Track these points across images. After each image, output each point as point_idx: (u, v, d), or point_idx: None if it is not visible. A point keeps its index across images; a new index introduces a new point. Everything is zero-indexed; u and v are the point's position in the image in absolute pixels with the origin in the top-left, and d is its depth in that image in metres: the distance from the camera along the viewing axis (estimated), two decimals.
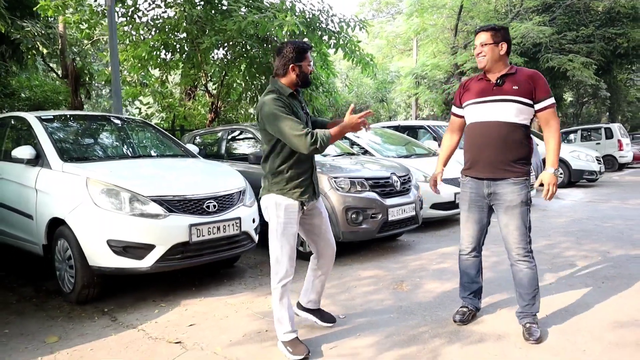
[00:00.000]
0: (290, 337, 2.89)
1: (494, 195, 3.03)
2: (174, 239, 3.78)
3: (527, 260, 3.01)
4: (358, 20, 9.18)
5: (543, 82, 2.96)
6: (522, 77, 2.96)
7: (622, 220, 6.93)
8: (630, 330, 3.06)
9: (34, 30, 11.55)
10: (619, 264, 4.61)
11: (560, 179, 12.00)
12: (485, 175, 3.03)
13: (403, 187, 5.54)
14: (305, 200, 2.89)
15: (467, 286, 3.34)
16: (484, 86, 3.04)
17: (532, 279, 3.01)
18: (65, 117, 5.31)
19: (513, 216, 2.98)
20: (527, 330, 2.95)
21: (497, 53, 2.97)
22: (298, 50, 2.83)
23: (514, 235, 2.99)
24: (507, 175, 2.97)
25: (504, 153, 2.95)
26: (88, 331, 3.34)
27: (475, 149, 3.06)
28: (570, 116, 32.16)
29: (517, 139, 2.95)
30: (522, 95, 2.92)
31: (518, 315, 3.10)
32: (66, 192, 3.94)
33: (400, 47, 25.78)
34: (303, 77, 2.87)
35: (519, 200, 2.97)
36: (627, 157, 17.15)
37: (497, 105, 2.96)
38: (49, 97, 12.47)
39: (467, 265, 3.29)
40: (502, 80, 2.97)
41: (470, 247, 3.24)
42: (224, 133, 6.69)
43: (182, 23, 8.33)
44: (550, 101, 2.94)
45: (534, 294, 3.02)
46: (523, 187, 2.99)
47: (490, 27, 3.02)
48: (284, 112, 2.71)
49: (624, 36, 16.71)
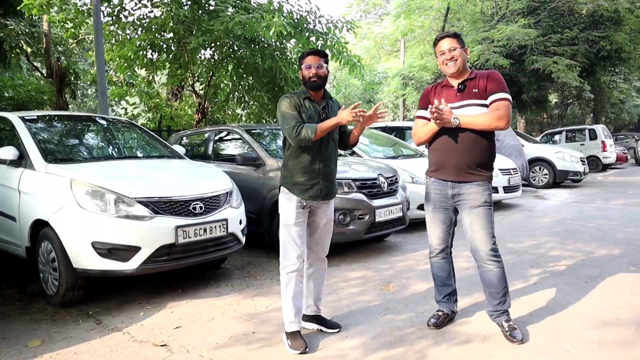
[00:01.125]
0: (291, 328, 2.97)
1: (458, 196, 3.05)
2: (160, 240, 3.75)
3: (495, 259, 3.00)
4: (345, 21, 9.21)
5: (497, 78, 2.96)
6: (480, 79, 2.98)
7: (606, 221, 7.03)
8: (612, 329, 3.10)
9: (17, 29, 11.42)
10: (602, 263, 4.68)
11: (542, 177, 12.13)
12: (450, 178, 3.05)
13: (390, 188, 5.56)
14: (306, 198, 2.98)
15: (441, 289, 3.32)
16: (448, 93, 3.06)
17: (502, 277, 3.01)
18: (50, 117, 5.24)
19: (477, 215, 3.00)
20: (508, 332, 2.97)
21: (465, 57, 3.02)
22: (300, 57, 3.11)
23: (480, 235, 3.00)
24: (471, 179, 3.00)
25: (470, 158, 2.97)
26: (72, 334, 3.30)
27: (441, 153, 3.07)
28: (555, 117, 32.55)
29: (483, 144, 2.98)
30: (482, 97, 2.95)
31: (491, 315, 3.11)
32: (50, 194, 3.89)
33: (388, 49, 25.90)
34: (305, 81, 3.03)
35: (482, 199, 2.99)
36: (611, 158, 17.42)
37: (461, 111, 2.96)
38: (32, 96, 12.30)
39: (438, 268, 3.29)
40: (464, 85, 3.01)
41: (439, 248, 3.24)
42: (211, 134, 6.65)
43: (169, 23, 8.28)
44: (500, 95, 2.90)
45: (504, 291, 3.02)
46: (486, 189, 3.01)
47: (453, 33, 3.08)
48: (287, 109, 2.95)
49: (607, 39, 16.92)
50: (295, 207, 2.98)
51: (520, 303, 3.63)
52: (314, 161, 3.00)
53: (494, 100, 2.92)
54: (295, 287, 2.99)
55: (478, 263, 3.08)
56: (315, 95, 3.07)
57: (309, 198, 2.99)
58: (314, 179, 3.00)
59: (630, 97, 31.58)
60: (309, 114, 2.99)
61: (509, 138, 11.32)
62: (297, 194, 2.98)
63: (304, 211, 3.03)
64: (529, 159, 11.97)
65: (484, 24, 17.08)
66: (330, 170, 3.08)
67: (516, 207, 8.82)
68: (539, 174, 12.31)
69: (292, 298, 2.98)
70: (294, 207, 2.98)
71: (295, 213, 2.99)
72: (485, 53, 15.49)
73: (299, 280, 3.02)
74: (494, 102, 2.92)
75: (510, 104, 2.93)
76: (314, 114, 3.01)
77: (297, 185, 2.99)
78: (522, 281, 4.20)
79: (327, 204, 3.13)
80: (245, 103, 10.57)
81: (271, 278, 4.56)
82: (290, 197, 3.00)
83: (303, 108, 2.99)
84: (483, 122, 2.90)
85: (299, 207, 2.99)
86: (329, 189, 3.08)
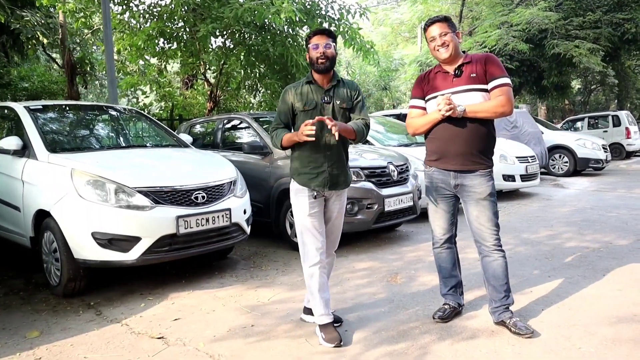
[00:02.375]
0: (323, 320, 2.89)
1: (462, 187, 2.97)
2: (160, 231, 3.70)
3: (500, 249, 2.96)
4: (358, 7, 9.00)
5: (496, 62, 2.88)
6: (477, 63, 2.89)
7: (627, 210, 6.78)
8: (628, 326, 2.94)
9: (33, 20, 11.44)
10: (620, 255, 4.48)
11: (562, 165, 11.81)
12: (453, 168, 2.96)
13: (400, 176, 5.42)
14: (315, 187, 2.88)
15: (446, 281, 3.24)
16: (444, 78, 2.97)
17: (505, 268, 2.96)
18: (55, 107, 5.19)
19: (484, 208, 2.93)
20: (514, 326, 2.87)
21: (457, 41, 2.92)
22: (306, 38, 2.99)
23: (487, 227, 2.94)
24: (475, 167, 2.92)
25: (473, 145, 2.89)
26: (71, 325, 3.27)
27: (442, 141, 2.96)
28: (578, 104, 31.77)
29: (483, 130, 2.89)
30: (481, 82, 2.86)
31: (494, 311, 3.00)
32: (51, 184, 3.86)
33: (405, 35, 25.47)
34: (313, 62, 2.89)
35: (488, 191, 2.92)
36: (635, 145, 16.85)
37: (461, 96, 2.87)
38: (46, 87, 12.38)
39: (443, 258, 3.21)
40: (460, 70, 2.91)
41: (443, 239, 3.17)
42: (220, 122, 6.57)
43: (179, 10, 8.19)
44: (501, 81, 2.82)
45: (507, 285, 2.97)
46: (489, 179, 2.95)
47: (443, 17, 2.97)
48: (280, 105, 2.99)
49: (632, 21, 16.29)
50: (307, 197, 2.89)
51: (532, 297, 3.48)
52: (319, 149, 2.88)
53: (496, 86, 2.83)
54: (320, 280, 2.89)
55: (483, 254, 3.01)
56: (321, 79, 2.92)
57: (316, 186, 2.88)
58: (319, 167, 2.88)
59: None
60: (305, 101, 2.88)
61: (528, 125, 11.03)
62: (304, 182, 2.89)
63: (317, 201, 2.92)
64: (549, 147, 11.65)
65: (503, 7, 16.60)
66: (337, 158, 2.94)
67: (534, 196, 8.59)
68: (559, 161, 11.98)
69: (319, 291, 2.89)
70: (306, 197, 2.89)
71: (309, 204, 2.89)
72: (504, 37, 15.09)
73: (322, 272, 2.91)
74: (496, 87, 2.83)
75: (511, 88, 2.86)
76: (312, 101, 2.89)
77: (302, 174, 2.90)
78: (536, 273, 4.04)
79: (338, 196, 3.01)
80: (257, 91, 10.46)
81: (276, 269, 4.48)
82: (300, 188, 2.92)
83: (299, 97, 2.90)
84: (488, 110, 2.81)
85: (310, 197, 2.89)
86: (337, 178, 2.94)
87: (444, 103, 2.80)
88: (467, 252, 4.49)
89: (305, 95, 2.90)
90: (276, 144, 2.94)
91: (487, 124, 2.91)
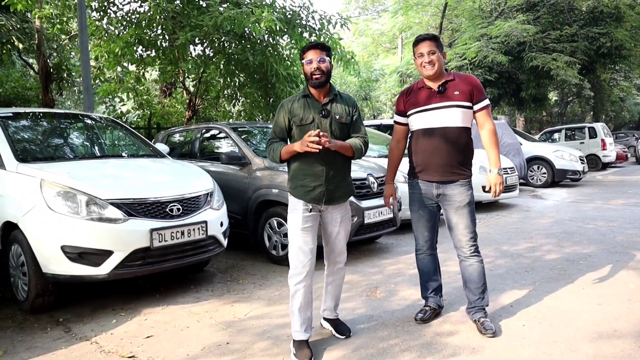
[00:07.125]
0: (297, 337, 2.85)
1: (443, 196, 3.13)
2: (133, 244, 3.57)
3: (477, 254, 3.14)
4: (339, 17, 9.00)
5: (479, 84, 3.12)
6: (461, 82, 3.08)
7: (605, 222, 6.84)
8: (609, 342, 2.91)
9: (8, 25, 11.19)
10: (600, 268, 4.49)
11: (540, 176, 11.94)
12: (436, 179, 3.11)
13: (380, 188, 5.37)
14: (309, 200, 2.83)
15: (427, 285, 3.39)
16: (427, 94, 3.11)
17: (482, 273, 3.14)
18: (27, 114, 5.02)
19: (463, 215, 3.09)
20: (482, 325, 3.05)
21: (442, 61, 3.09)
22: (300, 53, 2.96)
23: (464, 234, 3.11)
24: (455, 177, 3.08)
25: (452, 157, 3.06)
26: (38, 344, 3.12)
27: (424, 154, 3.12)
28: (555, 115, 32.32)
29: (463, 143, 3.07)
30: (464, 99, 3.04)
31: (469, 311, 3.21)
32: (20, 195, 3.71)
33: (386, 45, 25.67)
34: (307, 77, 2.86)
35: (467, 200, 3.09)
36: (611, 157, 17.17)
37: (443, 112, 3.05)
38: (19, 93, 12.08)
39: (425, 264, 3.36)
40: (444, 87, 3.06)
41: (426, 246, 3.32)
42: (198, 132, 6.45)
43: (157, 18, 8.06)
44: (486, 102, 3.10)
45: (483, 287, 3.15)
46: (468, 188, 3.12)
47: (432, 36, 3.14)
48: (276, 121, 2.94)
49: (607, 36, 16.70)
50: (301, 211, 2.82)
51: (513, 311, 3.45)
52: (316, 163, 2.81)
53: (482, 108, 3.09)
54: (302, 300, 2.82)
55: (461, 258, 3.20)
56: (317, 93, 2.87)
57: (311, 201, 2.82)
58: (316, 181, 2.82)
59: (630, 95, 31.37)
60: (302, 116, 2.83)
61: (507, 136, 11.12)
62: (300, 196, 2.83)
63: (312, 216, 2.85)
64: (527, 158, 11.78)
65: (482, 20, 16.84)
66: (336, 172, 2.87)
67: (513, 207, 8.63)
68: (537, 173, 12.11)
69: (299, 310, 2.83)
70: (300, 211, 2.83)
71: (302, 217, 2.82)
72: (483, 50, 15.28)
73: (307, 292, 2.84)
74: (482, 109, 3.09)
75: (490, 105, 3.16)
76: (309, 115, 2.83)
77: (299, 187, 2.84)
78: (516, 287, 4.00)
79: (337, 210, 2.95)
80: (237, 100, 10.35)
81: (254, 282, 4.38)
82: (295, 201, 2.87)
83: (296, 111, 2.85)
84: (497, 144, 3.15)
85: (305, 210, 2.82)
86: (333, 193, 2.87)
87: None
88: (447, 265, 4.45)
89: (301, 109, 2.85)
90: (275, 158, 2.87)
91: (465, 134, 3.08)
